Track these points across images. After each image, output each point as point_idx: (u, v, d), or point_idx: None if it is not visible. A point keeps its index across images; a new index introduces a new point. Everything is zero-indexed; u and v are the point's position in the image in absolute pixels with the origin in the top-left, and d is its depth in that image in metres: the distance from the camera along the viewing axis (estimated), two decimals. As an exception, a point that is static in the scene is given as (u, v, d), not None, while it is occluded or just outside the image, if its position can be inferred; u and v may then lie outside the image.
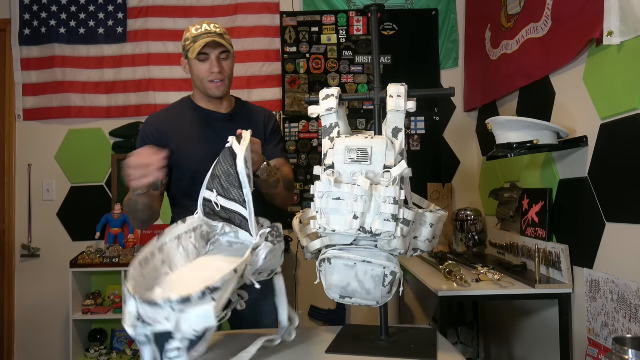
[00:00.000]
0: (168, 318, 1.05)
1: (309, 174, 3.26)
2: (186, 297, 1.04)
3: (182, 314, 1.06)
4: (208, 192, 1.39)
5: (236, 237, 1.43)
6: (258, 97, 3.27)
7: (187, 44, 1.66)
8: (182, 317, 1.06)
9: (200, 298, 1.05)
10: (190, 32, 1.67)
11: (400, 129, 1.29)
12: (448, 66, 3.33)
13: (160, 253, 1.28)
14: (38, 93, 3.30)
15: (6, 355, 3.23)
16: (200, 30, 1.65)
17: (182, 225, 1.37)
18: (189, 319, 1.06)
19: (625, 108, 1.69)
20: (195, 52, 1.63)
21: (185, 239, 1.36)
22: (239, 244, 1.43)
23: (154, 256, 1.26)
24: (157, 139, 1.67)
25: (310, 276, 1.37)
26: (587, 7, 1.84)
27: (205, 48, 1.63)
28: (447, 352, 1.37)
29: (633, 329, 1.66)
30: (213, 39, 1.63)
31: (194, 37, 1.64)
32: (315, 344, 1.43)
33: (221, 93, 1.71)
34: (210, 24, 1.67)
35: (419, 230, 1.35)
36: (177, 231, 1.35)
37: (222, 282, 1.09)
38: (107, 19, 3.32)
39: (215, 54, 1.66)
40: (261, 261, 1.24)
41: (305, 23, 3.32)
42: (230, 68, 1.71)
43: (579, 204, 2.00)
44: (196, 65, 1.67)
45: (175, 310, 1.05)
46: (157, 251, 1.28)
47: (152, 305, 1.05)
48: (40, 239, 3.28)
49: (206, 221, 1.41)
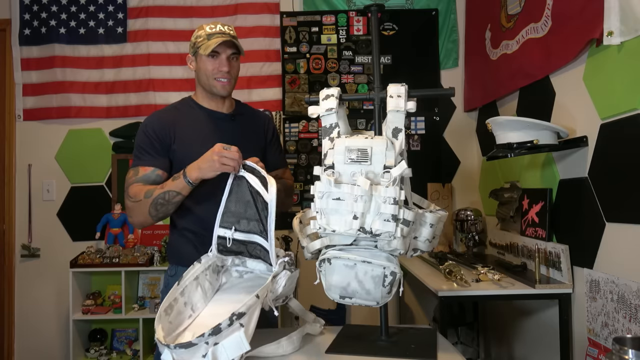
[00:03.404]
0: (205, 355, 1.11)
1: (309, 174, 3.26)
2: (216, 327, 1.10)
3: (216, 346, 1.11)
4: (223, 230, 1.48)
5: (244, 266, 1.51)
6: (258, 97, 3.28)
7: (199, 40, 1.68)
8: (217, 349, 1.11)
9: (229, 325, 1.12)
10: (204, 29, 1.69)
11: (400, 129, 1.29)
12: (448, 66, 3.33)
13: (182, 296, 1.35)
14: (38, 93, 3.30)
15: (6, 355, 3.23)
16: (214, 29, 1.68)
17: (199, 265, 1.44)
18: (224, 350, 1.12)
19: (625, 108, 1.69)
20: (209, 49, 1.64)
21: (202, 278, 1.42)
22: (249, 273, 1.51)
23: (177, 301, 1.33)
24: (161, 136, 1.67)
25: (310, 276, 1.37)
26: (587, 7, 1.84)
27: (219, 47, 1.65)
28: (447, 352, 1.37)
29: (633, 329, 1.66)
30: (229, 39, 1.66)
31: (208, 35, 1.66)
32: (315, 344, 1.43)
33: (226, 92, 1.72)
34: (225, 26, 1.70)
35: (419, 230, 1.35)
36: (195, 272, 1.42)
37: (247, 307, 1.16)
38: (107, 19, 3.32)
39: (227, 54, 1.68)
40: (281, 288, 1.32)
41: (305, 23, 3.32)
42: (237, 69, 1.74)
43: (579, 204, 2.00)
44: (205, 62, 1.68)
45: (209, 344, 1.10)
46: (179, 295, 1.34)
47: (187, 347, 1.10)
48: (40, 239, 3.28)
49: (218, 257, 1.49)
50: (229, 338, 1.12)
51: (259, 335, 1.24)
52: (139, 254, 3.00)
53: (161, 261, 3.00)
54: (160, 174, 1.64)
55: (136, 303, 3.09)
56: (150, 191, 1.57)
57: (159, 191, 1.56)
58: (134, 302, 3.10)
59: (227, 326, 1.11)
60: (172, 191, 1.54)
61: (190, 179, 1.51)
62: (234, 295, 1.42)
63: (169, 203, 1.56)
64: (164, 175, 1.64)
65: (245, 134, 1.77)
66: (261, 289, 1.23)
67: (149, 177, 1.63)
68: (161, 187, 1.57)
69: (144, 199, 1.57)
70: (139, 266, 2.95)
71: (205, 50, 1.65)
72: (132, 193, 1.61)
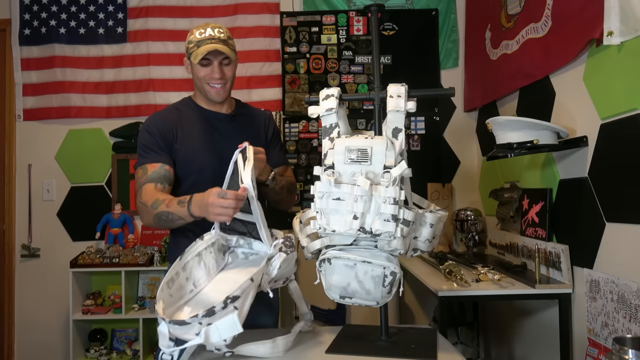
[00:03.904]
0: (198, 333, 1.14)
1: (309, 174, 3.26)
2: (210, 309, 1.13)
3: (209, 326, 1.15)
4: None
5: (250, 247, 1.52)
6: (258, 97, 3.28)
7: (191, 47, 1.66)
8: (210, 329, 1.15)
9: (223, 308, 1.15)
10: (194, 35, 1.66)
11: (400, 129, 1.29)
12: (448, 66, 3.33)
13: (183, 271, 1.37)
14: (38, 93, 3.29)
15: (6, 355, 3.23)
16: (204, 34, 1.64)
17: (201, 242, 1.45)
18: (216, 330, 1.16)
19: (625, 108, 1.69)
20: (198, 58, 1.62)
21: (205, 255, 1.43)
22: (254, 255, 1.52)
23: (179, 275, 1.35)
24: (164, 135, 1.67)
25: (310, 276, 1.37)
26: (587, 7, 1.84)
27: (210, 53, 1.63)
28: (447, 352, 1.37)
29: (633, 329, 1.66)
30: (215, 47, 1.61)
31: (198, 42, 1.63)
32: (315, 344, 1.43)
33: (221, 98, 1.71)
34: (215, 28, 1.65)
35: (419, 230, 1.35)
36: (197, 248, 1.43)
37: (241, 290, 1.19)
38: (107, 19, 3.32)
39: (218, 60, 1.65)
40: (276, 270, 1.33)
41: (305, 23, 3.32)
42: (231, 71, 1.71)
43: (579, 204, 2.00)
44: (198, 69, 1.67)
45: (202, 324, 1.14)
46: (181, 270, 1.37)
47: (180, 324, 1.15)
48: (40, 239, 3.28)
49: (222, 235, 1.49)
50: (222, 320, 1.15)
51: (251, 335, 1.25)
52: (139, 254, 3.00)
53: (161, 261, 3.00)
54: (168, 169, 1.64)
55: (136, 303, 3.09)
56: (157, 202, 1.54)
57: (164, 208, 1.52)
58: (134, 302, 3.10)
59: (221, 309, 1.15)
60: (176, 215, 1.51)
61: (194, 214, 1.47)
62: (237, 275, 1.42)
63: (171, 222, 1.54)
64: (171, 170, 1.64)
65: (246, 134, 1.76)
66: (256, 272, 1.25)
67: (158, 172, 1.62)
68: (167, 205, 1.52)
69: (150, 208, 1.55)
70: (139, 266, 2.95)
71: (195, 59, 1.63)
72: (144, 196, 1.59)
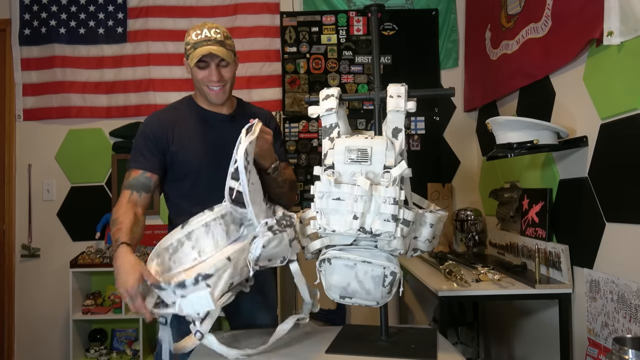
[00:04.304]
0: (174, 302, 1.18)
1: (309, 174, 3.26)
2: (181, 282, 1.17)
3: (183, 299, 1.18)
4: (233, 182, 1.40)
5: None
6: (258, 97, 3.28)
7: (188, 48, 1.64)
8: (183, 302, 1.18)
9: (194, 284, 1.18)
10: (190, 36, 1.63)
11: (400, 129, 1.29)
12: (448, 66, 3.33)
13: (188, 240, 1.36)
14: (38, 93, 3.30)
15: (6, 355, 3.23)
16: (200, 36, 1.61)
17: (210, 212, 1.42)
18: (190, 303, 1.18)
19: (625, 108, 1.69)
20: (194, 61, 1.60)
21: (214, 226, 1.40)
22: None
23: (182, 244, 1.35)
24: (158, 139, 1.66)
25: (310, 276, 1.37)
26: (587, 7, 1.84)
27: (206, 56, 1.60)
28: (447, 352, 1.37)
29: (633, 329, 1.66)
30: (210, 50, 1.58)
31: (194, 44, 1.61)
32: (315, 344, 1.43)
33: (220, 101, 1.69)
34: (211, 29, 1.62)
35: (419, 230, 1.35)
36: (204, 219, 1.40)
37: (215, 269, 1.20)
38: (107, 19, 3.32)
39: (215, 62, 1.62)
40: (259, 249, 1.29)
41: (305, 23, 3.32)
42: (230, 72, 1.68)
43: (579, 204, 2.00)
44: (196, 71, 1.65)
45: (176, 294, 1.18)
46: (185, 238, 1.36)
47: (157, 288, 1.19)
48: (40, 239, 3.28)
49: (234, 208, 1.42)
50: (195, 294, 1.18)
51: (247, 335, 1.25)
52: (139, 254, 3.00)
53: (161, 261, 3.00)
54: (149, 176, 1.62)
55: (136, 303, 3.09)
56: (114, 222, 1.50)
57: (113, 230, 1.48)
58: (134, 302, 3.10)
59: (191, 284, 1.17)
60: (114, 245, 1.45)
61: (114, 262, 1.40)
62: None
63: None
64: (154, 177, 1.63)
65: None
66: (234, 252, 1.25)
67: (138, 180, 1.61)
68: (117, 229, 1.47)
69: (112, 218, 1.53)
70: (139, 266, 2.95)
71: (192, 62, 1.61)
72: (117, 204, 1.57)
